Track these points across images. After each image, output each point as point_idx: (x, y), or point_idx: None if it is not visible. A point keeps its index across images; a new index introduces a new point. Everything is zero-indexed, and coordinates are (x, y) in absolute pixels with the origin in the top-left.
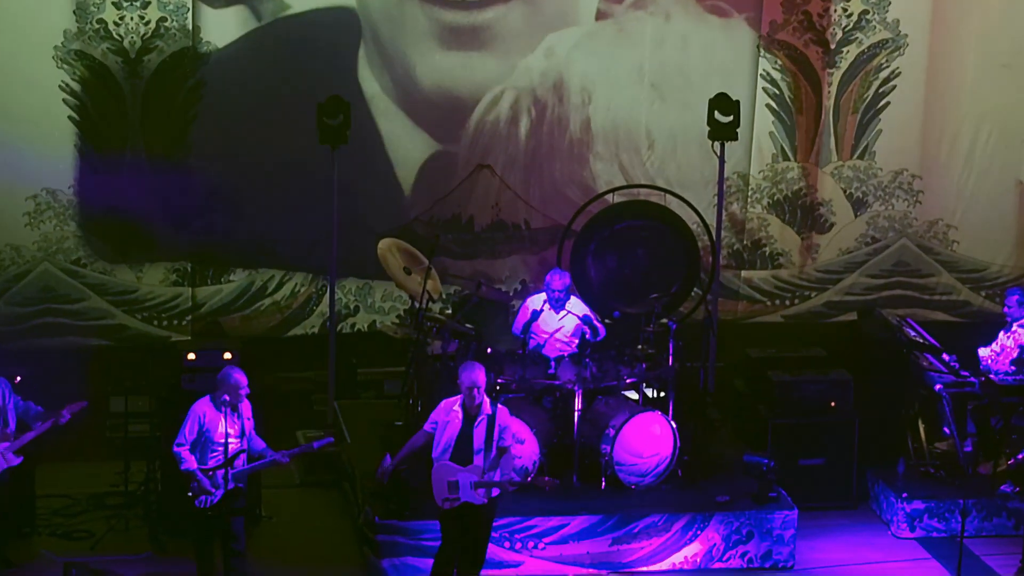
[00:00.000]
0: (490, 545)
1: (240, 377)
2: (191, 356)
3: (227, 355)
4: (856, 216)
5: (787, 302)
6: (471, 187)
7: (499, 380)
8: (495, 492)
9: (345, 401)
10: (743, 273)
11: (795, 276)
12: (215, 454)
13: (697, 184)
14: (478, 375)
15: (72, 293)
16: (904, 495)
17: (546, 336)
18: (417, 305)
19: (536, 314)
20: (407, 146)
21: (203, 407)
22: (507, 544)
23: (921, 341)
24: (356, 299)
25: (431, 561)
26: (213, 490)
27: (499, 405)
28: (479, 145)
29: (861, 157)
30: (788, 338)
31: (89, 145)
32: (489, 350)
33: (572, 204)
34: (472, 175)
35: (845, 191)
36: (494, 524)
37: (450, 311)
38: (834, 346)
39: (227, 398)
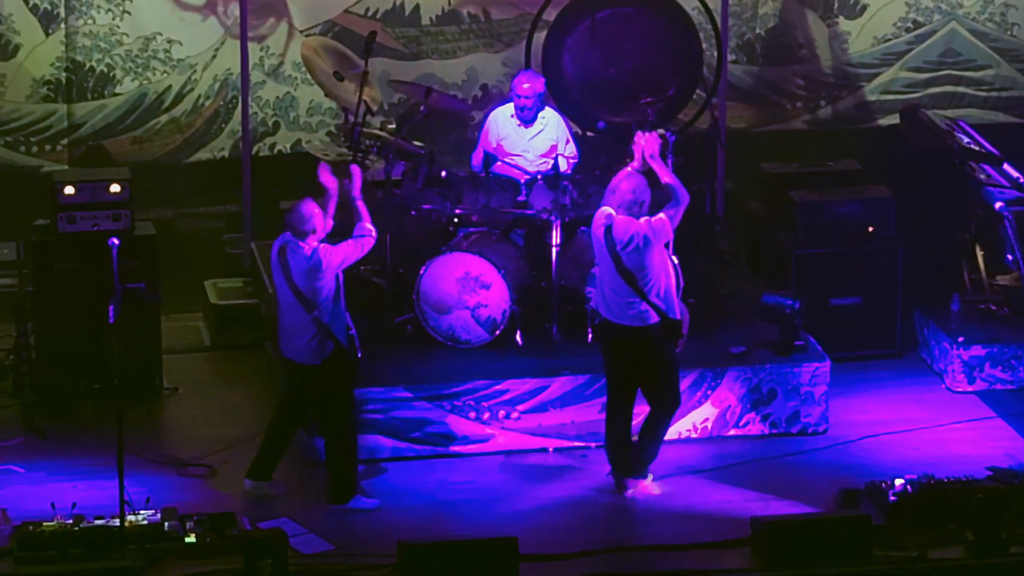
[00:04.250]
0: (451, 416)
1: (306, 208)
2: (69, 190)
3: (114, 187)
4: None
5: (811, 104)
6: None
7: (457, 210)
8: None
9: (265, 242)
10: (756, 69)
11: (820, 72)
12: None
13: None
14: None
15: None
16: (960, 339)
17: (514, 157)
18: (352, 119)
19: (492, 158)
20: None
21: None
22: (472, 414)
23: (976, 149)
24: (275, 113)
25: (379, 438)
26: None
27: None
28: None
29: None
30: (813, 149)
31: None
32: (443, 173)
33: None
34: None
35: None
36: (456, 390)
37: (394, 126)
38: (870, 157)
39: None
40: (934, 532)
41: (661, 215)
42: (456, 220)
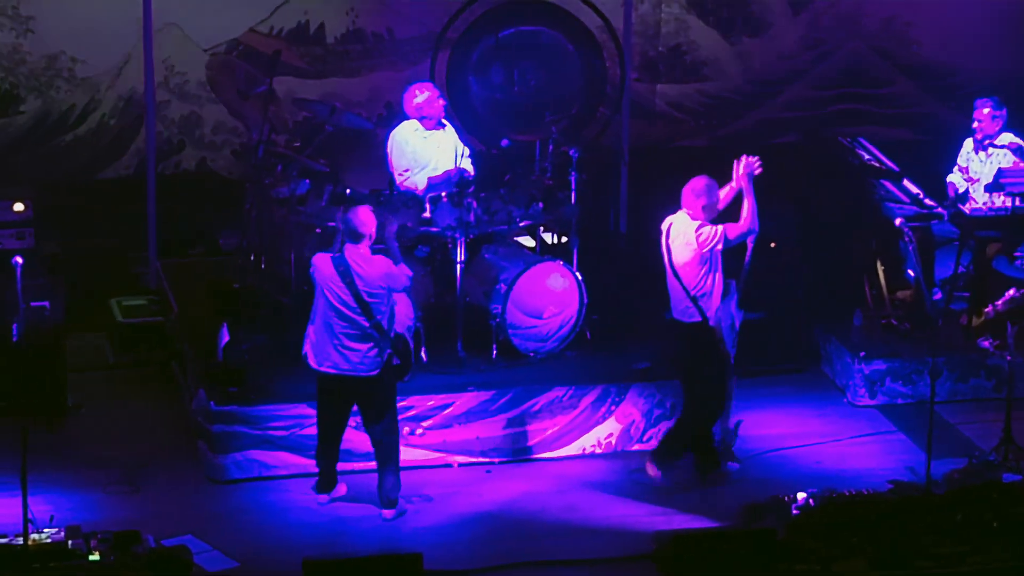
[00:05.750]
0: (357, 433)
1: (365, 212)
2: None
3: (18, 206)
4: (796, 14)
5: (715, 122)
6: None
7: None
8: None
9: (170, 260)
10: (659, 87)
11: (724, 90)
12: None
13: None
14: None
15: None
16: (862, 354)
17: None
18: (256, 137)
19: (461, 176)
20: None
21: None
22: None
23: (877, 165)
24: (180, 132)
25: (282, 455)
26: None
27: None
28: None
29: None
30: (717, 165)
31: None
32: (348, 191)
33: (447, 7)
34: None
35: None
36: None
37: (298, 144)
38: (773, 174)
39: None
40: (837, 545)
41: (719, 226)
42: None
